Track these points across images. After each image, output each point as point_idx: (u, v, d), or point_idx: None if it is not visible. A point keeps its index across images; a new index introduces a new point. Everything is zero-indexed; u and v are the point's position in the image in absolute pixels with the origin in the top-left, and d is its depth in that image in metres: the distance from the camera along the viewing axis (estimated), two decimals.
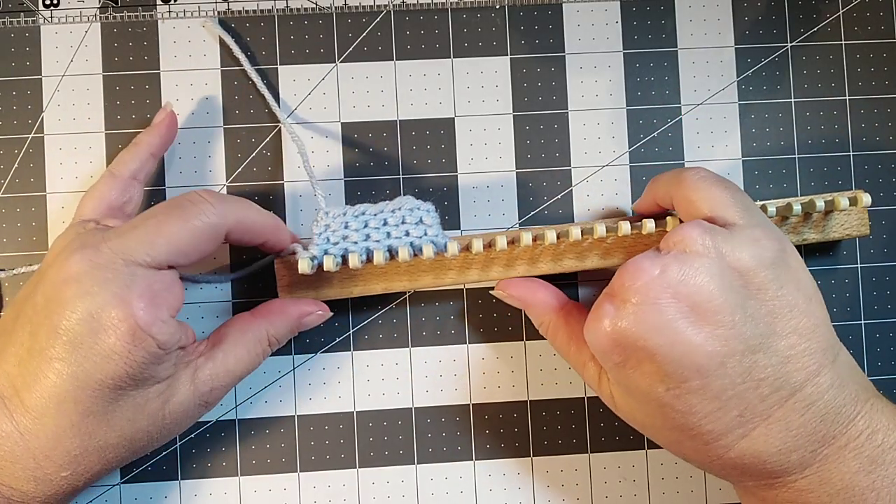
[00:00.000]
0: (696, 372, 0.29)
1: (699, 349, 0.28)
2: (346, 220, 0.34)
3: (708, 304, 0.29)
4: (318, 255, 0.33)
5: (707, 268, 0.29)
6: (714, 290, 0.29)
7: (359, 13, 0.39)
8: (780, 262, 0.30)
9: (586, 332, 0.31)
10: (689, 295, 0.29)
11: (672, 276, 0.29)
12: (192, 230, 0.31)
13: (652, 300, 0.29)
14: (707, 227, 0.30)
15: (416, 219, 0.34)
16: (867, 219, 0.37)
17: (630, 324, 0.29)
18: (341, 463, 0.38)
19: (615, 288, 0.30)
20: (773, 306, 0.29)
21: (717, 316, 0.29)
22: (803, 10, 0.40)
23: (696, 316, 0.29)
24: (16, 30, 0.39)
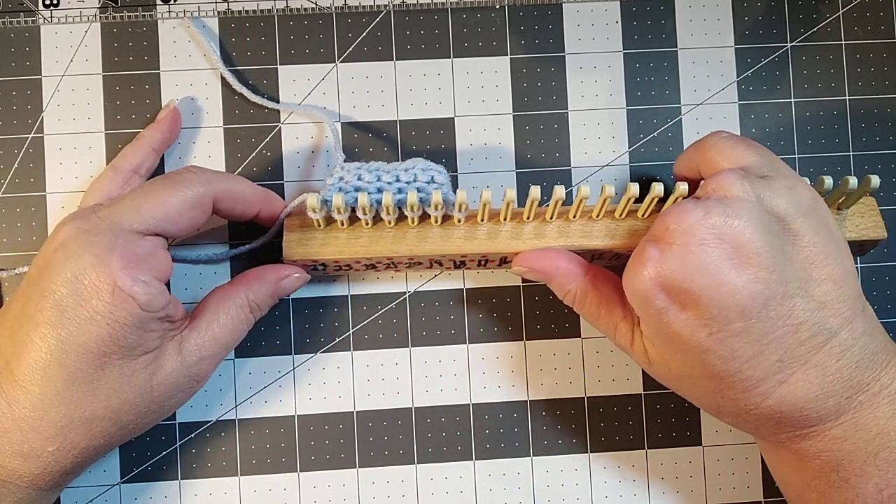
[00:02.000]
0: (739, 314, 0.29)
1: (743, 290, 0.28)
2: (360, 172, 0.34)
3: (751, 245, 0.29)
4: (329, 198, 0.33)
5: (749, 211, 0.29)
6: (756, 233, 0.29)
7: (359, 13, 0.39)
8: (813, 211, 0.30)
9: (626, 280, 0.31)
10: (734, 237, 0.29)
11: (716, 219, 0.29)
12: (179, 196, 0.32)
13: (698, 241, 0.29)
14: (744, 174, 0.30)
15: (427, 178, 0.34)
16: (881, 220, 0.36)
17: (675, 266, 0.29)
18: (341, 463, 0.38)
19: (658, 232, 0.30)
20: (809, 253, 0.30)
21: (760, 258, 0.29)
22: (803, 10, 0.40)
23: (740, 258, 0.29)
24: (16, 30, 0.39)
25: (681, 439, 0.39)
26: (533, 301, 0.39)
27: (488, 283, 0.39)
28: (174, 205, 0.32)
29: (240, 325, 0.34)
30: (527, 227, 0.35)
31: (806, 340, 0.29)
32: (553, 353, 0.39)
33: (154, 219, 0.31)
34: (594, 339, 0.39)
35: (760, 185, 0.30)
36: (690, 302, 0.29)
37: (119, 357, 0.30)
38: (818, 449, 0.31)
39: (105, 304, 0.29)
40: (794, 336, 0.29)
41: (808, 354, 0.29)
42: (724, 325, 0.29)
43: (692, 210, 0.29)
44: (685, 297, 0.29)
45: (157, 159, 0.37)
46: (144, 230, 0.31)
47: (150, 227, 0.31)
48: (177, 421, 0.38)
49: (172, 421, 0.38)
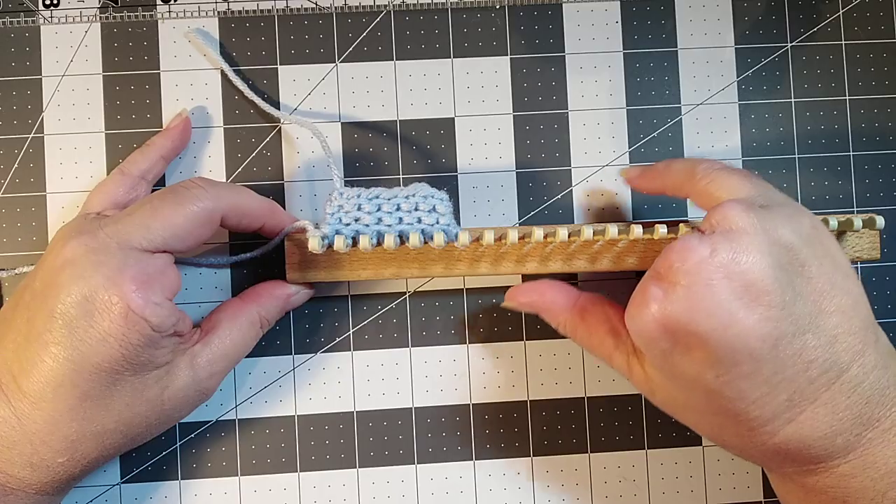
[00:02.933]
0: (748, 356, 0.28)
1: (753, 332, 0.27)
2: (360, 202, 0.34)
3: (761, 283, 0.27)
4: (330, 235, 0.33)
5: (757, 245, 0.28)
6: (766, 268, 0.27)
7: (359, 13, 0.39)
8: (816, 239, 0.29)
9: (629, 319, 0.30)
10: (742, 274, 0.27)
11: (724, 256, 0.27)
12: (187, 214, 0.31)
13: (704, 281, 0.27)
14: (748, 204, 0.29)
15: (429, 206, 0.34)
16: (878, 242, 0.37)
17: (681, 308, 0.28)
18: (341, 463, 0.38)
19: (661, 270, 0.29)
20: (817, 284, 0.28)
21: (770, 296, 0.27)
22: (803, 10, 0.40)
23: (749, 296, 0.27)
24: (16, 30, 0.39)
25: (681, 439, 0.39)
26: None
27: (488, 283, 0.39)
28: (182, 223, 0.31)
29: (250, 342, 0.35)
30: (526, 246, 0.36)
31: (816, 378, 0.28)
32: (553, 353, 0.39)
33: (163, 237, 0.31)
34: None
35: (764, 215, 0.29)
36: (697, 344, 0.28)
37: (131, 374, 0.30)
38: (825, 485, 0.30)
39: (117, 325, 0.29)
40: (805, 374, 0.28)
41: (818, 392, 0.28)
42: (732, 368, 0.28)
43: (698, 247, 0.28)
44: (691, 339, 0.28)
45: (164, 167, 0.37)
46: (153, 248, 0.31)
47: (158, 245, 0.31)
48: None
49: None
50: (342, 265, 0.36)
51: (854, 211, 0.40)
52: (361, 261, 0.36)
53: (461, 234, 0.34)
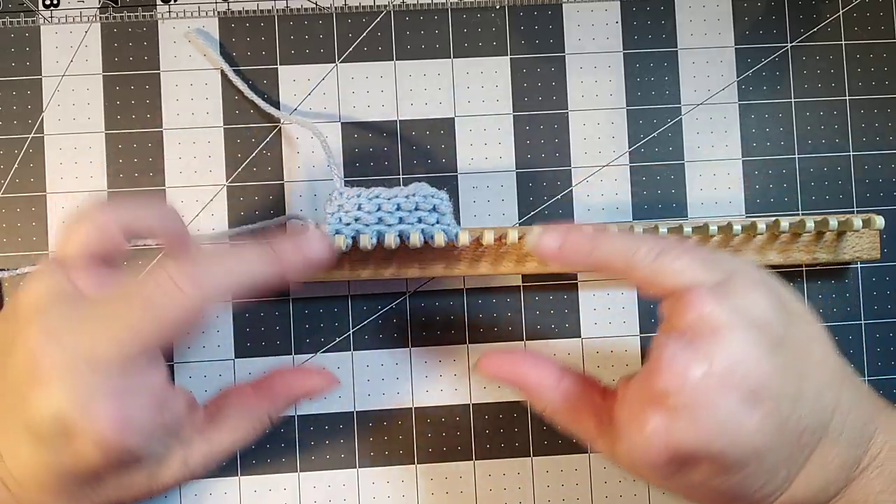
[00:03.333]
0: (755, 455, 0.26)
1: (760, 431, 0.26)
2: (360, 201, 0.34)
3: (759, 380, 0.26)
4: (330, 235, 0.33)
5: (745, 339, 0.26)
6: (761, 361, 0.26)
7: (359, 13, 0.39)
8: (777, 297, 0.28)
9: (627, 451, 0.27)
10: (741, 379, 0.26)
11: (721, 365, 0.25)
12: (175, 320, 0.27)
13: (709, 399, 0.25)
14: (716, 291, 0.27)
15: (429, 206, 0.34)
16: (878, 242, 0.37)
17: (690, 434, 0.26)
18: (341, 463, 0.38)
19: (657, 395, 0.26)
20: (794, 348, 0.27)
21: (769, 389, 0.26)
22: (803, 10, 0.40)
23: (753, 398, 0.26)
24: (16, 30, 0.39)
25: None
26: (533, 301, 0.39)
27: (488, 284, 0.39)
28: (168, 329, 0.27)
29: (253, 437, 0.33)
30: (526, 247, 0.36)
31: (807, 443, 0.27)
32: (553, 354, 0.39)
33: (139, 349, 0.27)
34: (594, 339, 0.39)
35: (733, 297, 0.27)
36: (704, 461, 0.26)
37: (116, 476, 0.29)
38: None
39: (96, 451, 0.27)
40: (798, 444, 0.27)
41: (809, 455, 0.28)
42: (739, 471, 0.27)
43: (692, 365, 0.26)
44: (699, 458, 0.26)
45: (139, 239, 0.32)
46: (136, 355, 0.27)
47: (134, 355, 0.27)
48: None
49: None
50: (342, 265, 0.36)
51: (854, 211, 0.40)
52: (361, 260, 0.36)
53: (461, 234, 0.34)
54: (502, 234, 0.35)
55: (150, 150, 0.39)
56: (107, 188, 0.38)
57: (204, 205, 0.38)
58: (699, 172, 0.40)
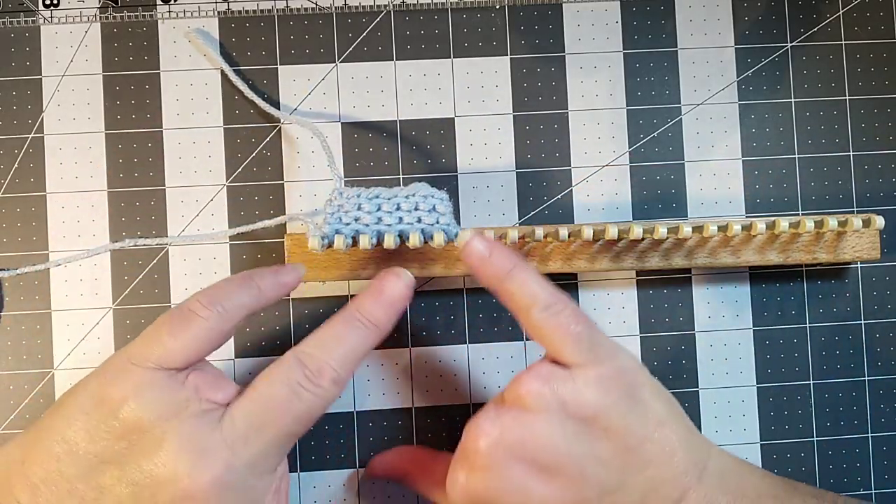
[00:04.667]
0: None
1: (553, 503, 0.28)
2: (360, 201, 0.34)
3: (552, 460, 0.28)
4: (329, 235, 0.33)
5: (546, 424, 0.29)
6: (556, 446, 0.28)
7: (359, 13, 0.39)
8: (626, 397, 0.29)
9: (447, 492, 0.31)
10: (532, 455, 0.28)
11: (511, 438, 0.29)
12: (315, 415, 0.29)
13: (497, 464, 0.29)
14: (546, 377, 0.29)
15: (429, 206, 0.34)
16: (878, 242, 0.37)
17: (482, 489, 0.29)
18: (341, 463, 0.38)
19: (464, 449, 0.30)
20: (623, 444, 0.29)
21: (564, 469, 0.28)
22: (803, 10, 0.40)
23: (544, 473, 0.28)
24: (16, 30, 0.39)
25: None
26: None
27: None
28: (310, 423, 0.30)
29: None
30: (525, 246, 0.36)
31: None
32: None
33: (289, 447, 0.30)
34: None
35: (563, 385, 0.29)
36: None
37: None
38: None
39: None
40: None
41: None
42: None
43: (489, 430, 0.29)
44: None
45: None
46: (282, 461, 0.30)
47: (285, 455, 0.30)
48: None
49: None
50: (342, 265, 0.36)
51: (854, 211, 0.40)
52: (361, 261, 0.36)
53: (461, 234, 0.34)
54: (502, 234, 0.35)
55: (150, 150, 0.39)
56: (107, 188, 0.38)
57: (204, 205, 0.39)
58: (699, 172, 0.40)
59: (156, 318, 0.30)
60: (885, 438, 0.39)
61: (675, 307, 0.39)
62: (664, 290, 0.39)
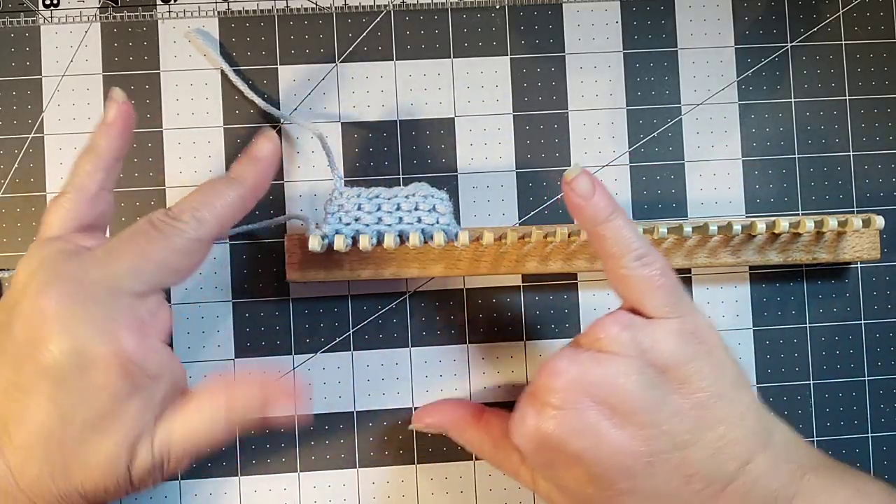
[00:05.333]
0: (623, 473, 0.28)
1: (624, 451, 0.28)
2: (360, 201, 0.34)
3: (627, 405, 0.28)
4: (329, 235, 0.33)
5: (625, 369, 0.28)
6: (633, 391, 0.28)
7: (359, 13, 0.39)
8: (705, 354, 0.29)
9: (511, 434, 0.30)
10: (608, 397, 0.28)
11: (590, 379, 0.28)
12: (178, 249, 0.30)
13: (571, 404, 0.28)
14: (626, 323, 0.29)
15: (429, 206, 0.34)
16: (878, 242, 0.37)
17: (552, 427, 0.29)
18: (341, 463, 0.38)
19: (536, 388, 0.30)
20: (697, 399, 0.29)
21: (639, 416, 0.28)
22: (803, 10, 0.40)
23: (618, 417, 0.28)
24: (16, 30, 0.39)
25: None
26: (533, 301, 0.39)
27: (488, 283, 0.39)
28: (175, 261, 0.30)
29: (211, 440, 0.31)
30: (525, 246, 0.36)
31: (701, 490, 0.29)
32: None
33: (157, 279, 0.30)
34: None
35: (644, 333, 0.29)
36: (573, 461, 0.29)
37: (121, 408, 0.29)
38: None
39: (112, 377, 0.28)
40: (688, 487, 0.28)
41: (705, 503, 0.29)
42: (610, 485, 0.29)
43: (567, 368, 0.29)
44: (566, 456, 0.29)
45: (120, 167, 0.33)
46: (145, 291, 0.29)
47: (151, 287, 0.30)
48: None
49: None
50: (342, 265, 0.36)
51: (854, 211, 0.40)
52: (361, 260, 0.36)
53: (461, 234, 0.34)
54: (502, 234, 0.35)
55: (150, 150, 0.39)
56: None
57: None
58: (699, 172, 0.40)
59: None
60: (885, 438, 0.39)
61: None
62: None
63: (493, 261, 0.36)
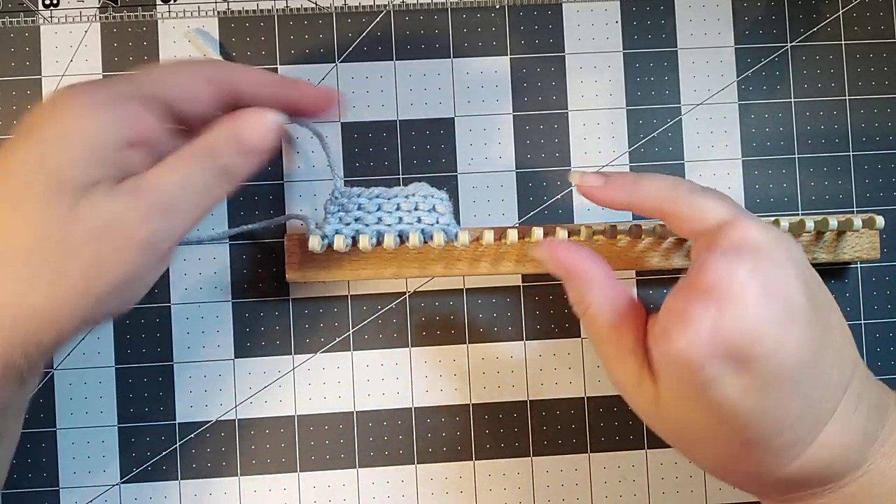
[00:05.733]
0: (796, 372, 0.26)
1: (801, 346, 0.26)
2: (360, 201, 0.34)
3: (797, 296, 0.27)
4: (329, 235, 0.33)
5: (785, 259, 0.27)
6: (799, 283, 0.27)
7: (359, 13, 0.39)
8: (803, 256, 0.29)
9: (670, 342, 0.26)
10: (782, 289, 0.26)
11: (764, 272, 0.26)
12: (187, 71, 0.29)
13: (757, 299, 0.26)
14: (761, 223, 0.28)
15: (429, 206, 0.34)
16: (878, 242, 0.37)
17: (741, 325, 0.26)
18: (341, 463, 0.38)
19: (705, 289, 0.26)
20: (821, 298, 0.28)
21: (805, 311, 0.27)
22: (803, 10, 0.40)
23: (791, 312, 0.26)
24: (16, 30, 0.39)
25: None
26: (533, 301, 0.39)
27: (488, 283, 0.39)
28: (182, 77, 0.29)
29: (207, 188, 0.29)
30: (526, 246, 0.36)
31: (832, 395, 0.27)
32: (553, 354, 0.39)
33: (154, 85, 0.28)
34: None
35: (776, 234, 0.28)
36: (751, 363, 0.26)
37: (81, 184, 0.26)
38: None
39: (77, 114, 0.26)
40: (824, 392, 0.27)
41: (832, 409, 0.28)
42: (777, 390, 0.26)
43: (740, 262, 0.26)
44: (746, 359, 0.26)
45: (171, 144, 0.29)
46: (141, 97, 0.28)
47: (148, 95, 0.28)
48: (177, 421, 0.38)
49: (172, 421, 0.38)
50: (342, 265, 0.36)
51: (854, 211, 0.40)
52: (361, 260, 0.36)
53: (461, 234, 0.34)
54: (502, 234, 0.35)
55: None
56: None
57: None
58: (699, 172, 0.40)
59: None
60: None
61: None
62: (664, 291, 0.39)
63: (493, 261, 0.36)
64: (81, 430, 0.38)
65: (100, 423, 0.38)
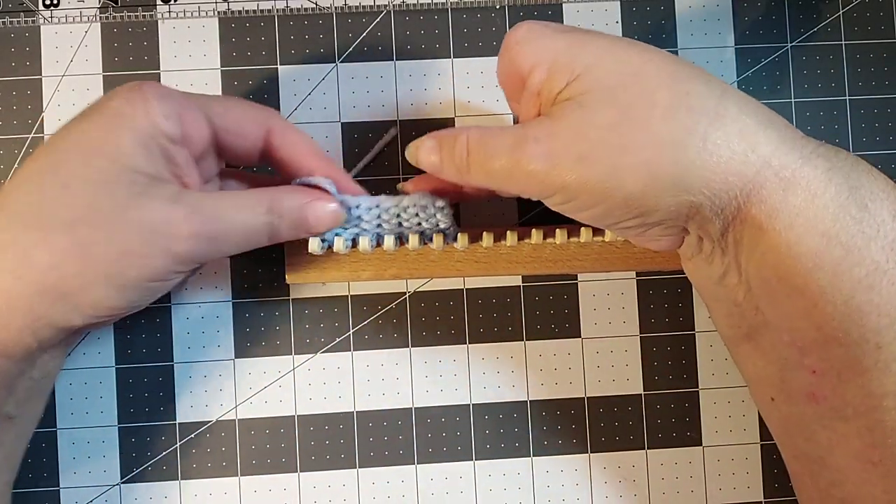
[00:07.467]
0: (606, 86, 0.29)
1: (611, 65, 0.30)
2: (360, 212, 0.34)
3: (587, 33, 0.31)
4: (329, 236, 0.33)
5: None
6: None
7: (359, 13, 0.39)
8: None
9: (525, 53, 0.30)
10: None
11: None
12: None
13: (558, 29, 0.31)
14: None
15: (428, 215, 0.34)
16: None
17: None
18: (341, 463, 0.38)
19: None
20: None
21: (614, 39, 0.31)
22: (803, 10, 0.40)
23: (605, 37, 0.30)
24: (16, 30, 0.39)
25: (681, 439, 0.39)
26: (533, 301, 0.39)
27: (488, 283, 0.39)
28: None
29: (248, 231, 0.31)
30: (525, 248, 0.36)
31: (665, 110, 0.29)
32: (553, 353, 0.39)
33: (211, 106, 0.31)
34: (594, 339, 0.39)
35: None
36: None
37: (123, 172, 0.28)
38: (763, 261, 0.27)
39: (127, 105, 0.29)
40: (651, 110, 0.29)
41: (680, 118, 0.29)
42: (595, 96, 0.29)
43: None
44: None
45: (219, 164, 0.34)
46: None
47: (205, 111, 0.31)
48: (177, 421, 0.38)
49: (172, 421, 0.38)
50: (342, 266, 0.36)
51: None
52: (362, 262, 0.36)
53: (460, 236, 0.34)
54: (501, 234, 0.35)
55: None
56: None
57: None
58: None
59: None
60: None
61: (675, 307, 0.39)
62: (664, 290, 0.39)
63: (492, 262, 0.36)
64: (81, 430, 0.38)
65: (100, 423, 0.38)
